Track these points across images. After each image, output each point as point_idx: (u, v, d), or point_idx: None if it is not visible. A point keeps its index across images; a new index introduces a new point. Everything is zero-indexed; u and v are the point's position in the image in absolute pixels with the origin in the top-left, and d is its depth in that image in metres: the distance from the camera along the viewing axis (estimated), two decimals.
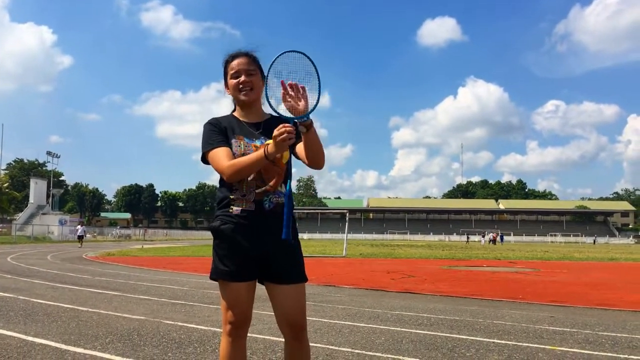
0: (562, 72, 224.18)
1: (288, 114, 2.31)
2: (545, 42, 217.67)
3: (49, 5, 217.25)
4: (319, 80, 2.36)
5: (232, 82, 2.57)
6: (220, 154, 2.44)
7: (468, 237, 73.42)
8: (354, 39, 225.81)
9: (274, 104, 2.36)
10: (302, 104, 2.29)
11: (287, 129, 2.18)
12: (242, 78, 2.55)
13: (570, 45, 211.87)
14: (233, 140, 2.49)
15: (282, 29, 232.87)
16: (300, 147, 2.47)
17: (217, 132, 2.51)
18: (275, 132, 2.20)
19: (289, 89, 2.30)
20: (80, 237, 36.47)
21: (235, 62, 2.58)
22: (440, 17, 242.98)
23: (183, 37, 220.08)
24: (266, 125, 2.56)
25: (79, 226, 38.70)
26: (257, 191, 2.45)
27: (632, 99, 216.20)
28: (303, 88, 2.31)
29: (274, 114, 2.37)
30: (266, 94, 2.36)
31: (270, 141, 2.32)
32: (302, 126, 2.31)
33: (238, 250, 2.44)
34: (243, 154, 2.44)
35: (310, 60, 2.36)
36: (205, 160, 2.54)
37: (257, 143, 2.49)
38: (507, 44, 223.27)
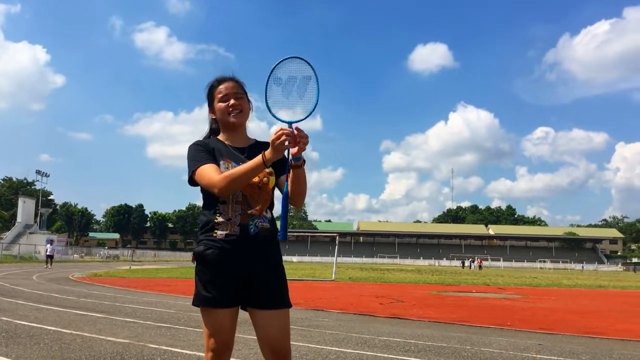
0: (552, 100, 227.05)
1: (286, 119, 2.31)
2: (534, 70, 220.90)
3: (44, 25, 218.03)
4: (317, 83, 2.37)
5: (220, 105, 2.58)
6: (210, 169, 2.41)
7: (463, 262, 73.30)
8: (346, 63, 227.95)
9: (274, 110, 2.35)
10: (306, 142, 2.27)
11: (285, 131, 2.18)
12: (232, 101, 2.55)
13: (559, 74, 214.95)
14: (221, 162, 2.48)
15: (275, 52, 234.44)
16: (282, 181, 2.47)
17: (205, 151, 2.50)
18: (273, 136, 2.20)
19: (297, 133, 2.24)
20: (50, 257, 32.76)
21: (223, 86, 2.59)
22: (432, 43, 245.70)
23: (176, 58, 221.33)
24: (251, 150, 2.57)
25: (48, 245, 34.75)
26: (242, 216, 2.44)
27: (620, 127, 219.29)
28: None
29: (275, 119, 2.34)
30: (266, 101, 2.35)
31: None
32: (295, 163, 2.31)
33: (222, 276, 2.41)
34: None
35: (309, 64, 2.37)
36: (192, 181, 2.50)
37: None
38: (498, 71, 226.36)
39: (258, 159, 2.28)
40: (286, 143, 2.19)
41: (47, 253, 33.20)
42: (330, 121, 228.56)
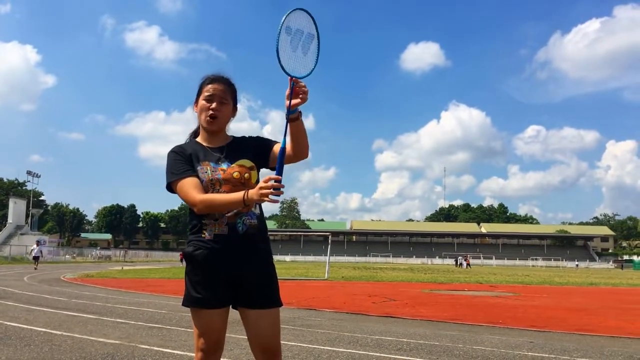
0: (543, 98, 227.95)
1: (289, 70, 2.28)
2: (526, 69, 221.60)
3: (34, 25, 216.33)
4: (319, 44, 2.41)
5: (203, 103, 2.55)
6: (188, 185, 2.40)
7: (457, 261, 73.41)
8: (338, 62, 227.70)
9: (282, 58, 2.28)
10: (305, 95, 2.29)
11: (275, 185, 2.14)
12: (213, 105, 2.52)
13: (550, 72, 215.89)
14: (199, 167, 2.46)
15: (267, 51, 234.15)
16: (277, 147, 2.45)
17: (183, 161, 2.48)
18: (262, 185, 2.17)
19: (297, 87, 2.27)
20: (36, 258, 31.92)
21: (212, 86, 2.56)
22: (424, 41, 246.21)
23: (168, 57, 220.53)
24: (229, 148, 2.56)
25: (34, 245, 34.26)
26: (229, 214, 2.43)
27: (611, 125, 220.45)
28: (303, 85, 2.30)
29: (283, 71, 2.28)
30: (277, 46, 2.26)
31: (242, 161, 2.36)
32: (292, 116, 2.29)
33: (212, 276, 2.40)
34: (211, 179, 2.43)
35: (314, 22, 2.40)
36: (170, 189, 2.50)
37: (224, 166, 2.48)
38: (490, 70, 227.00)
39: (239, 196, 2.26)
40: (273, 198, 2.15)
41: (34, 254, 32.46)
42: (323, 120, 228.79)
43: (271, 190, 2.15)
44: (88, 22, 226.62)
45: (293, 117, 2.30)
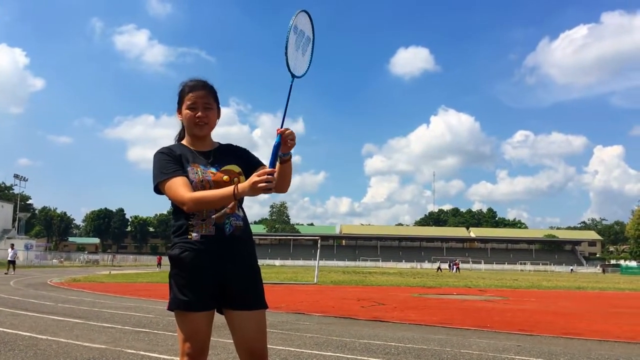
0: (531, 103, 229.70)
1: (291, 69, 2.36)
2: (515, 74, 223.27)
3: (23, 28, 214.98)
4: (313, 49, 2.52)
5: (187, 112, 2.54)
6: (178, 184, 2.39)
7: (440, 266, 73.43)
8: (328, 66, 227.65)
9: (290, 57, 2.37)
10: (294, 142, 2.31)
11: (269, 177, 2.16)
12: (199, 113, 2.52)
13: (539, 77, 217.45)
14: (189, 168, 2.46)
15: (257, 55, 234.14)
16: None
17: (172, 161, 2.46)
18: (256, 177, 2.18)
19: (286, 134, 2.28)
20: (11, 262, 30.59)
21: (193, 94, 2.54)
22: (413, 46, 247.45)
23: (157, 61, 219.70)
24: (216, 153, 2.56)
25: (9, 249, 32.76)
26: (216, 215, 2.42)
27: (598, 130, 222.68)
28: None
29: (289, 70, 2.35)
30: (286, 42, 2.33)
31: (229, 167, 2.35)
32: (284, 158, 2.34)
33: (198, 279, 2.38)
34: (202, 180, 2.42)
35: (312, 27, 2.51)
36: (158, 190, 2.48)
37: (213, 169, 2.48)
38: (479, 75, 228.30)
39: (229, 190, 2.27)
40: (266, 187, 2.17)
41: (9, 258, 31.33)
42: (313, 125, 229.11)
43: (265, 183, 2.16)
44: (77, 25, 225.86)
45: (285, 160, 2.35)
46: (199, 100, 2.53)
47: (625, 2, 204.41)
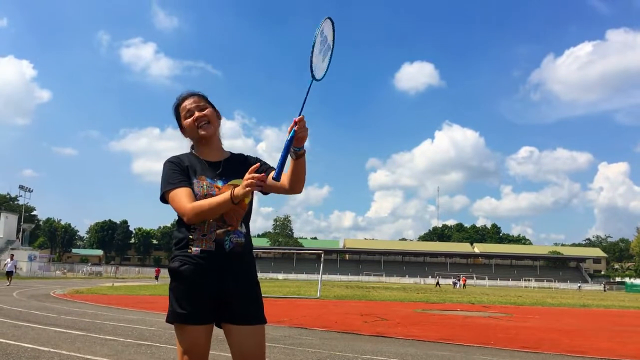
0: (536, 119, 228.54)
1: (314, 71, 2.39)
2: (519, 90, 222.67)
3: (31, 40, 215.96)
4: (331, 56, 2.55)
5: (187, 122, 2.59)
6: (181, 195, 2.41)
7: (438, 282, 72.71)
8: (332, 80, 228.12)
9: (315, 60, 2.40)
10: (306, 134, 2.33)
11: (258, 176, 2.20)
12: (197, 114, 2.57)
13: (543, 94, 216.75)
14: (195, 181, 2.47)
15: (262, 69, 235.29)
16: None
17: (179, 172, 2.49)
18: (248, 177, 2.21)
19: (301, 123, 2.29)
20: (9, 273, 29.98)
21: (185, 103, 2.62)
22: (418, 61, 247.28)
23: (163, 74, 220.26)
24: (226, 164, 2.57)
25: (8, 259, 32.13)
26: (218, 231, 2.43)
27: (603, 147, 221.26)
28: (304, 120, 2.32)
29: (311, 70, 2.37)
30: (313, 43, 2.36)
31: (235, 181, 2.35)
32: (296, 154, 2.35)
33: (197, 292, 2.39)
34: (205, 195, 2.43)
35: (334, 38, 2.57)
36: (164, 199, 2.51)
37: (219, 184, 2.49)
38: (484, 90, 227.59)
39: (226, 195, 2.29)
40: (252, 184, 2.20)
41: (7, 269, 30.52)
42: (317, 138, 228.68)
43: (254, 181, 2.19)
44: (84, 38, 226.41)
45: (300, 154, 2.37)
46: (192, 105, 2.60)
47: (631, 19, 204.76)
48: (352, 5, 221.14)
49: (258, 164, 2.27)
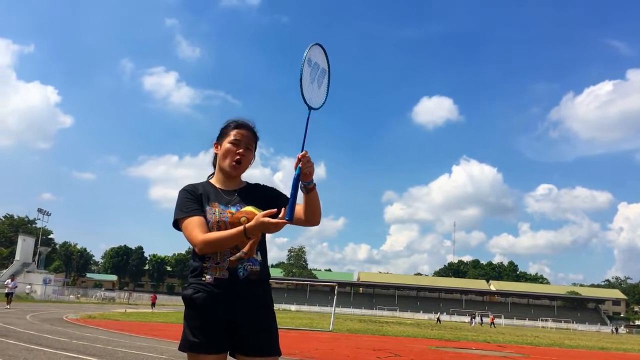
0: (555, 157, 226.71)
1: (307, 101, 2.40)
2: (538, 127, 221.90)
3: (57, 66, 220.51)
4: (329, 81, 2.57)
5: (229, 146, 2.59)
6: (193, 224, 2.42)
7: (439, 318, 70.04)
8: (350, 113, 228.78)
9: (305, 90, 2.41)
10: (312, 169, 2.34)
11: (272, 222, 2.23)
12: (240, 150, 2.58)
13: (562, 132, 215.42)
14: (207, 208, 2.49)
15: (280, 100, 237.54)
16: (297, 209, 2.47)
17: (193, 200, 2.51)
18: (263, 216, 2.24)
19: (304, 159, 2.31)
20: (9, 295, 28.52)
21: (239, 131, 2.62)
22: (437, 96, 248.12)
23: (183, 102, 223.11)
24: (241, 193, 2.59)
25: (8, 280, 30.94)
26: (231, 259, 2.43)
27: (623, 187, 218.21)
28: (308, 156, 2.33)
29: (305, 102, 2.40)
30: (300, 74, 2.36)
31: (249, 208, 2.40)
32: (306, 188, 2.38)
33: (210, 321, 2.38)
34: (218, 221, 2.44)
35: (327, 59, 2.57)
36: (177, 226, 2.52)
37: (233, 209, 2.50)
38: (502, 126, 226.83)
39: (239, 229, 2.31)
40: (270, 223, 2.24)
41: (7, 291, 29.00)
42: (333, 170, 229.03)
43: (270, 221, 2.22)
44: (108, 65, 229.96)
45: (310, 188, 2.39)
46: (244, 138, 2.61)
47: None
48: (373, 39, 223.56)
49: (274, 210, 2.27)
